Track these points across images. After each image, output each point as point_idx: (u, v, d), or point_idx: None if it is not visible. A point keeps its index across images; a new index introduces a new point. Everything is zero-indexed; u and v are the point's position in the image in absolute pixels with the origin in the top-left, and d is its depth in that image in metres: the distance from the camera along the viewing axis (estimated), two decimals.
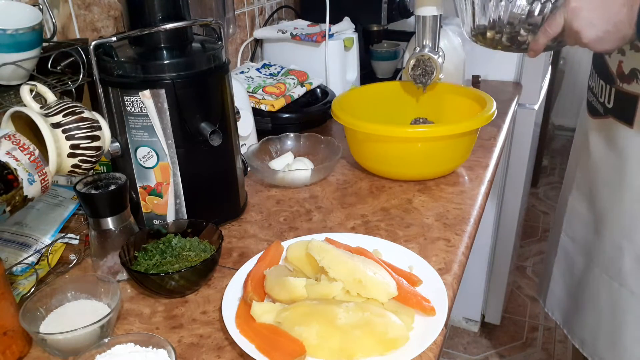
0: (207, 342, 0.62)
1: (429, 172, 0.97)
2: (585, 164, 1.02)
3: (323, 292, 0.63)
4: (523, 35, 0.79)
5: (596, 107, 0.95)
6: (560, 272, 1.15)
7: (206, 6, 1.09)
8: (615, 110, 0.89)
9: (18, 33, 0.67)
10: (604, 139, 0.94)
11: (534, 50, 0.77)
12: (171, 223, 0.77)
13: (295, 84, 1.24)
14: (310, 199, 0.93)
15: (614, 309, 0.98)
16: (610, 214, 0.96)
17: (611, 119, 0.90)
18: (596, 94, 0.94)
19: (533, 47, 0.77)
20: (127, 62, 0.73)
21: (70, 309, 0.65)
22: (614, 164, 0.92)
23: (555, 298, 1.19)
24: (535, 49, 0.77)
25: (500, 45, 0.83)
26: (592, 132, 0.98)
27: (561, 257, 1.14)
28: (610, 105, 0.90)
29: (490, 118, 0.94)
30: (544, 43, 0.75)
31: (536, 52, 0.77)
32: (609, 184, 0.95)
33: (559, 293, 1.17)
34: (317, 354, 0.57)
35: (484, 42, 0.85)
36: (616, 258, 0.95)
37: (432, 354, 0.59)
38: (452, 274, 0.72)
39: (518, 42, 0.80)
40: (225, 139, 0.78)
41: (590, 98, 0.98)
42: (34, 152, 0.60)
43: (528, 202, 2.70)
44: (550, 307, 1.21)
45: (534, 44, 0.76)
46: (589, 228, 1.03)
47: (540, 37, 0.74)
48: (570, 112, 3.51)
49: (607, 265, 0.97)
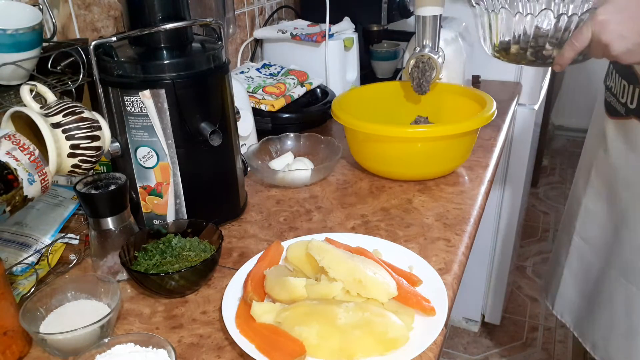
0: (207, 342, 0.62)
1: (429, 172, 0.97)
2: (603, 165, 1.00)
3: (323, 292, 0.63)
4: (548, 49, 0.78)
5: (616, 108, 0.94)
6: (572, 274, 1.13)
7: (206, 6, 1.09)
8: (638, 111, 0.88)
9: (18, 33, 0.67)
10: (624, 139, 0.93)
11: (559, 65, 0.76)
12: (171, 223, 0.77)
13: (295, 84, 1.24)
14: (310, 199, 0.93)
15: (629, 312, 0.96)
16: (632, 216, 0.94)
17: (634, 119, 0.89)
18: (616, 94, 0.93)
19: (559, 62, 0.76)
20: (127, 62, 0.73)
21: (70, 309, 0.66)
22: (635, 165, 0.91)
23: (565, 301, 1.17)
24: (562, 63, 0.76)
25: (524, 60, 0.82)
26: (611, 133, 0.97)
27: (574, 259, 1.12)
28: (632, 106, 0.89)
29: (490, 118, 0.94)
30: (570, 57, 0.74)
31: (562, 67, 0.76)
32: (630, 186, 0.93)
33: (570, 295, 1.15)
34: (317, 354, 0.57)
35: (507, 58, 0.84)
36: (635, 261, 0.93)
37: (432, 354, 0.59)
38: (452, 274, 0.72)
39: (543, 57, 0.80)
40: (225, 139, 0.78)
41: (609, 98, 0.97)
42: (34, 152, 0.60)
43: (528, 202, 2.70)
44: (560, 310, 1.19)
45: (559, 58, 0.76)
46: (607, 230, 1.01)
47: (567, 51, 0.74)
48: (570, 112, 3.51)
49: (625, 269, 0.96)
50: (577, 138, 3.53)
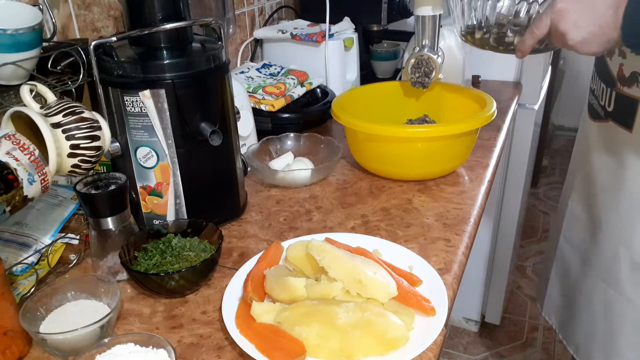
0: (207, 342, 0.62)
1: (429, 172, 0.97)
2: (585, 168, 1.01)
3: (323, 292, 0.63)
4: (510, 36, 0.79)
5: (597, 110, 0.94)
6: (557, 275, 1.14)
7: (206, 6, 1.09)
8: (615, 114, 0.88)
9: (18, 33, 0.67)
10: (604, 142, 0.94)
11: (521, 51, 0.77)
12: (171, 223, 0.77)
13: (295, 84, 1.24)
14: (310, 199, 0.93)
15: (608, 315, 0.97)
16: (607, 219, 0.95)
17: (611, 122, 0.89)
18: (597, 96, 0.94)
19: (520, 48, 0.77)
20: (127, 62, 0.73)
21: (70, 309, 0.65)
22: (612, 168, 0.91)
23: (552, 302, 1.17)
24: (522, 49, 0.77)
25: (487, 45, 0.83)
26: (593, 136, 0.97)
27: (559, 260, 1.13)
28: (610, 109, 0.89)
29: (490, 118, 0.94)
30: (530, 44, 0.75)
31: (523, 53, 0.77)
32: (607, 189, 0.94)
33: (555, 297, 1.16)
34: (317, 354, 0.57)
35: (473, 42, 0.86)
36: (612, 264, 0.94)
37: (432, 354, 0.59)
38: (452, 274, 0.72)
39: (505, 43, 0.81)
40: (225, 139, 0.78)
41: (592, 101, 0.97)
42: (34, 152, 0.60)
43: (528, 202, 2.70)
44: (547, 312, 1.20)
45: (520, 45, 0.77)
46: (586, 233, 1.02)
47: (527, 38, 0.74)
48: (570, 112, 3.51)
49: (603, 272, 0.96)
50: None
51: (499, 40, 0.81)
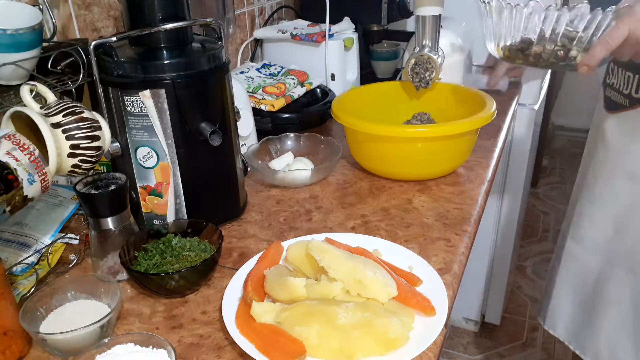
0: (207, 342, 0.62)
1: (429, 172, 0.97)
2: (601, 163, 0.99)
3: (323, 292, 0.63)
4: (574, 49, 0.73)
5: (617, 101, 0.93)
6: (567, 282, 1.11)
7: (206, 6, 1.09)
8: None
9: (18, 33, 0.67)
10: (626, 131, 0.92)
11: (587, 65, 0.71)
12: (171, 223, 0.77)
13: (295, 84, 1.24)
14: (310, 199, 0.93)
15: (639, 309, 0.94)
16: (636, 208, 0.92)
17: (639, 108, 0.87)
18: (619, 88, 0.92)
19: (586, 62, 0.71)
20: (127, 62, 0.73)
21: (70, 309, 0.65)
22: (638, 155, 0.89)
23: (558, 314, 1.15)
24: (590, 63, 0.70)
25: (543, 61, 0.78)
26: (611, 128, 0.96)
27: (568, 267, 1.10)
28: (638, 95, 0.86)
29: (490, 118, 0.94)
30: (601, 57, 0.69)
31: (590, 68, 0.71)
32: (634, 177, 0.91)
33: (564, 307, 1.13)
34: (317, 354, 0.57)
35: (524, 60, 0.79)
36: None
37: (432, 354, 0.59)
38: (452, 274, 0.72)
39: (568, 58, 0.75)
40: (225, 139, 0.78)
41: (609, 94, 0.96)
42: (34, 152, 0.60)
43: (528, 202, 2.70)
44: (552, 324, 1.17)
45: (588, 58, 0.70)
46: (607, 228, 1.00)
47: (598, 50, 0.69)
48: (570, 112, 3.51)
49: (632, 263, 0.94)
50: (577, 138, 3.54)
51: (557, 56, 0.75)
